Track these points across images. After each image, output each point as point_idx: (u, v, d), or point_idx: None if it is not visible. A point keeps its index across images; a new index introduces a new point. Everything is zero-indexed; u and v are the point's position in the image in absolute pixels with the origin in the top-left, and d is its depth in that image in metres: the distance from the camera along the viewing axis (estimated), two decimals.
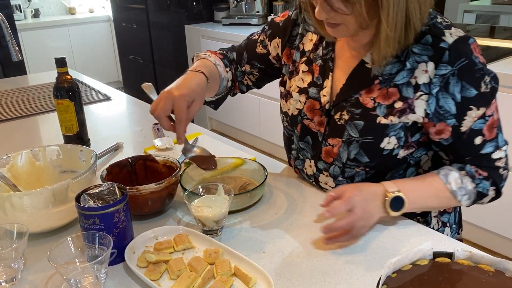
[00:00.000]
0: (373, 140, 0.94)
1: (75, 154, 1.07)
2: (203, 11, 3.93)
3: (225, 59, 1.18)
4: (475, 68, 0.87)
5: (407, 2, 0.82)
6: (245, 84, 1.23)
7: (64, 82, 1.29)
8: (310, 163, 1.07)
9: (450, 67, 0.87)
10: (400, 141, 0.94)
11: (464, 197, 0.93)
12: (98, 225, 0.80)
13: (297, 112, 1.06)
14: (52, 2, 5.37)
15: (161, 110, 0.91)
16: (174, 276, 0.78)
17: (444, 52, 0.87)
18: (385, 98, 0.93)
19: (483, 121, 0.90)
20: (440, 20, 0.90)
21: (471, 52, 0.87)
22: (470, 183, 0.93)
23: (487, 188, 0.94)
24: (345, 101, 0.97)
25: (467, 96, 0.88)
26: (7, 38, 1.77)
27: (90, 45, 5.22)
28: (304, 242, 0.89)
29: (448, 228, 1.08)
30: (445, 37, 0.87)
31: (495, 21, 2.80)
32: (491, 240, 2.24)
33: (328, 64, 1.01)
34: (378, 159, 0.96)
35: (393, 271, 0.68)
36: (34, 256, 0.88)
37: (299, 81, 1.06)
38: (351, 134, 0.96)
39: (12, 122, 1.64)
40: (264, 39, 1.15)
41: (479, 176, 0.93)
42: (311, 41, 1.06)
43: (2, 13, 1.81)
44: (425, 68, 0.89)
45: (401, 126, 0.92)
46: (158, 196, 0.96)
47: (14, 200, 0.85)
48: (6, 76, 3.34)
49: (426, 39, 0.89)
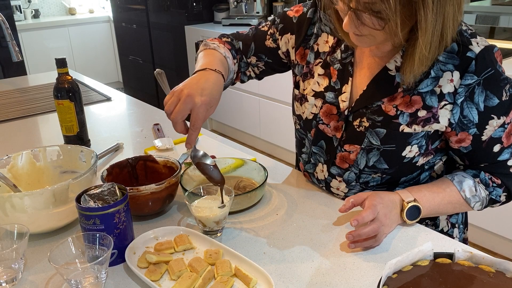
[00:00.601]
0: (395, 149, 0.93)
1: (75, 155, 1.07)
2: (203, 11, 3.93)
3: (233, 50, 1.12)
4: (500, 78, 0.86)
5: (444, 22, 0.79)
6: (247, 75, 1.17)
7: (65, 82, 1.29)
8: (322, 167, 1.05)
9: (476, 77, 0.85)
10: (422, 149, 0.93)
11: (477, 203, 0.94)
12: (98, 226, 0.80)
13: (312, 116, 1.03)
14: (52, 3, 5.38)
15: (178, 114, 0.87)
16: (175, 276, 0.78)
17: (471, 62, 0.85)
18: (408, 106, 0.90)
19: (502, 129, 0.90)
20: (465, 28, 0.88)
21: (496, 61, 0.86)
22: (484, 191, 0.94)
23: (499, 194, 0.95)
24: (365, 108, 0.95)
25: (489, 106, 0.87)
26: (7, 39, 1.77)
27: (90, 46, 5.22)
28: (304, 242, 0.89)
29: (456, 229, 1.08)
30: (472, 47, 0.85)
31: (495, 22, 2.80)
32: (491, 241, 2.24)
33: (348, 69, 0.97)
34: (398, 166, 0.95)
35: (393, 271, 0.68)
36: (34, 257, 0.88)
37: (314, 85, 1.02)
38: (371, 142, 0.94)
39: (12, 123, 1.64)
40: (274, 32, 1.10)
41: (493, 184, 0.94)
42: (327, 42, 1.02)
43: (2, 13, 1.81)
44: (451, 77, 0.87)
45: (423, 135, 0.92)
46: (158, 197, 0.96)
47: (15, 201, 0.85)
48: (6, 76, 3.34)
49: (452, 47, 0.86)
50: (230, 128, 3.81)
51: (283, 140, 3.19)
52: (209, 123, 4.04)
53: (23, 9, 5.00)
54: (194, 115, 0.87)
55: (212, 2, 3.91)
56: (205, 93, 0.89)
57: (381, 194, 0.90)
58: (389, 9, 0.75)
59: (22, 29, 4.62)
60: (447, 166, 1.03)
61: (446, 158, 1.02)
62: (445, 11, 0.78)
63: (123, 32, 4.68)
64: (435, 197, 0.93)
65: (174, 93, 0.89)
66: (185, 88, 0.89)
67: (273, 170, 1.19)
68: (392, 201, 0.90)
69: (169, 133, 1.44)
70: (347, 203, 0.88)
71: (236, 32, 1.17)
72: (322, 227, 0.94)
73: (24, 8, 5.06)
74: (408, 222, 0.92)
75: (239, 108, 3.55)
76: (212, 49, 1.06)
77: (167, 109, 0.89)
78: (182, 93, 0.88)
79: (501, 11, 2.79)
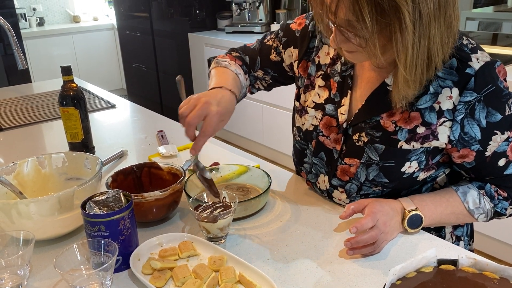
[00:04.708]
0: (394, 165, 0.92)
1: (80, 162, 1.08)
2: (206, 19, 3.95)
3: (244, 65, 1.15)
4: (502, 94, 0.85)
5: (429, 45, 0.78)
6: (256, 88, 1.20)
7: (70, 90, 1.30)
8: (324, 178, 1.05)
9: (475, 93, 0.84)
10: (421, 165, 0.93)
11: (481, 215, 0.93)
12: (103, 232, 0.80)
13: (312, 128, 1.03)
14: (57, 11, 5.42)
15: (193, 118, 0.88)
16: (179, 283, 0.79)
17: (470, 78, 0.84)
18: (406, 122, 0.90)
19: (506, 143, 0.89)
20: (466, 42, 0.87)
21: (497, 77, 0.84)
22: (489, 203, 0.93)
23: (505, 207, 0.94)
24: (364, 123, 0.94)
25: (492, 122, 0.86)
26: (13, 47, 1.78)
27: (94, 53, 5.25)
28: (308, 249, 0.89)
29: (462, 242, 1.07)
30: (471, 63, 0.84)
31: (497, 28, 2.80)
32: (496, 248, 2.23)
33: (347, 82, 0.97)
34: (398, 181, 0.95)
35: (397, 278, 0.68)
36: (40, 263, 0.88)
37: (315, 96, 1.03)
38: (371, 157, 0.94)
39: (17, 130, 1.65)
40: (278, 45, 1.11)
41: (499, 197, 0.93)
42: (328, 54, 1.02)
43: (8, 21, 1.82)
44: (449, 94, 0.86)
45: (422, 151, 0.91)
46: (162, 203, 0.96)
47: (21, 208, 0.86)
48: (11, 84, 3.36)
49: (451, 63, 0.85)
50: (234, 135, 3.81)
51: (286, 147, 3.20)
52: None
53: (28, 17, 5.04)
54: (206, 122, 0.89)
55: (215, 9, 3.93)
56: (221, 105, 0.92)
57: (382, 202, 0.90)
58: (366, 29, 0.75)
59: (27, 37, 4.66)
60: (450, 178, 1.01)
61: (449, 171, 1.00)
62: (430, 34, 0.77)
63: (127, 40, 4.71)
64: (438, 207, 0.92)
65: (192, 99, 0.91)
66: (203, 96, 0.91)
67: (276, 177, 1.19)
68: (393, 209, 0.90)
69: (173, 140, 1.45)
70: (348, 210, 0.88)
71: (244, 45, 1.19)
72: (326, 234, 0.94)
73: (29, 16, 5.11)
74: (410, 231, 0.91)
75: (242, 114, 3.55)
76: (224, 67, 1.09)
77: (182, 112, 0.90)
78: (200, 99, 0.90)
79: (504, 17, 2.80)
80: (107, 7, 5.64)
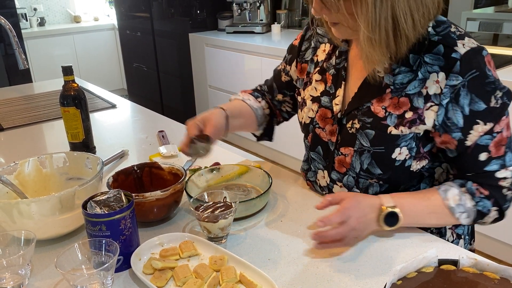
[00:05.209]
0: (384, 151, 0.93)
1: (81, 162, 1.08)
2: (207, 19, 3.96)
3: (255, 92, 1.25)
4: (486, 81, 0.85)
5: (393, 5, 0.80)
6: (285, 111, 1.25)
7: (71, 90, 1.31)
8: (323, 174, 1.06)
9: (461, 78, 0.85)
10: (412, 152, 0.92)
11: (462, 214, 0.90)
12: (104, 232, 0.80)
13: (309, 120, 1.06)
14: (58, 11, 5.42)
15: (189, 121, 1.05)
16: (180, 283, 0.79)
17: (456, 62, 0.85)
18: (396, 107, 0.91)
19: (490, 137, 0.87)
20: (454, 30, 0.89)
21: (484, 64, 0.85)
22: (470, 201, 0.90)
23: (488, 208, 0.90)
24: (357, 110, 0.96)
25: (475, 110, 0.86)
26: (14, 47, 1.78)
27: (95, 53, 5.25)
28: (309, 249, 0.89)
29: (462, 240, 1.07)
30: (457, 48, 0.85)
31: (498, 29, 2.81)
32: (496, 248, 2.23)
33: (341, 73, 1.00)
34: (391, 172, 0.95)
35: (398, 278, 0.69)
36: (41, 263, 0.88)
37: (312, 90, 1.06)
38: (362, 144, 0.95)
39: (18, 130, 1.65)
40: (285, 66, 1.18)
41: (480, 195, 0.90)
42: (324, 51, 1.06)
43: (9, 21, 1.83)
44: (436, 79, 0.87)
45: (412, 137, 0.91)
46: (163, 203, 0.96)
47: (22, 207, 0.86)
48: (12, 84, 3.36)
49: (438, 49, 0.87)
50: (234, 135, 3.81)
51: (288, 147, 3.20)
52: None
53: (29, 17, 5.04)
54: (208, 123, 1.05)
55: (216, 10, 3.93)
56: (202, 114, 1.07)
57: (360, 197, 0.89)
58: None
59: (28, 37, 4.66)
60: None
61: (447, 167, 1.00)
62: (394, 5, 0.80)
63: (127, 40, 4.72)
64: (417, 205, 0.91)
65: None
66: None
67: (277, 177, 1.19)
68: (370, 205, 0.89)
69: (174, 140, 1.45)
70: (324, 201, 0.88)
71: (265, 80, 1.28)
72: None
73: (30, 16, 5.11)
74: (385, 228, 0.89)
75: None
76: (234, 99, 1.24)
77: None
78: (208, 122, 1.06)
79: (504, 18, 2.80)
80: (107, 7, 5.64)
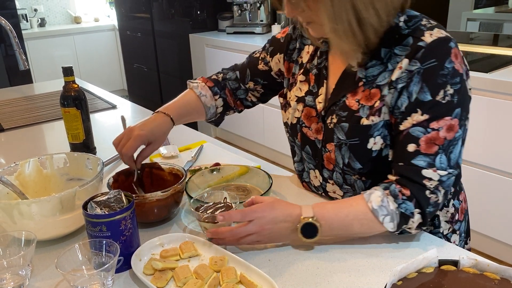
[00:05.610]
0: (359, 142, 0.93)
1: (82, 162, 1.08)
2: (207, 20, 3.96)
3: (216, 86, 1.22)
4: (439, 73, 0.84)
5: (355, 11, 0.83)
6: (249, 101, 1.25)
7: (71, 90, 1.31)
8: (315, 173, 1.07)
9: (419, 64, 0.85)
10: (386, 140, 0.92)
11: (386, 218, 0.86)
12: (105, 233, 0.80)
13: (296, 120, 1.08)
14: (58, 12, 5.43)
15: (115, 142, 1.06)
16: (180, 283, 0.79)
17: (420, 50, 0.85)
18: (368, 99, 0.93)
19: (423, 131, 0.86)
20: (425, 23, 0.89)
21: (447, 55, 0.85)
22: (392, 203, 0.87)
23: (411, 210, 0.86)
24: (335, 105, 0.98)
25: (420, 99, 0.86)
26: (15, 47, 1.79)
27: (95, 54, 5.26)
28: (309, 249, 0.89)
29: (457, 236, 1.06)
30: (424, 37, 0.86)
31: (498, 29, 2.81)
32: (497, 249, 2.23)
33: (322, 73, 1.02)
34: (370, 164, 0.95)
35: (398, 278, 0.69)
36: (41, 263, 0.88)
37: (297, 91, 1.08)
38: (339, 137, 0.96)
39: (19, 131, 1.65)
40: (265, 56, 1.18)
41: (402, 196, 0.87)
42: (308, 53, 1.08)
43: (9, 22, 1.83)
44: (400, 65, 0.88)
45: (383, 124, 0.92)
46: (164, 204, 0.96)
47: (22, 208, 0.86)
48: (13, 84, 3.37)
49: (407, 41, 0.88)
50: (234, 136, 3.81)
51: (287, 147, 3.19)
52: (213, 131, 4.05)
53: (29, 18, 5.05)
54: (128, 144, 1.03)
55: (216, 10, 3.94)
56: (144, 128, 1.06)
57: (277, 205, 0.89)
58: None
59: (28, 37, 4.67)
60: None
61: None
62: None
63: (128, 40, 4.72)
64: (339, 213, 0.88)
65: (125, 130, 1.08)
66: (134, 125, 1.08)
67: (277, 177, 1.20)
68: (287, 214, 0.87)
69: (174, 141, 1.45)
70: (249, 200, 0.91)
71: (234, 64, 1.26)
72: None
73: (31, 17, 5.12)
74: (304, 240, 0.87)
75: (243, 115, 3.54)
76: (189, 89, 1.21)
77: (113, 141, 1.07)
78: (128, 128, 1.07)
79: (505, 18, 2.80)
80: (108, 8, 5.65)
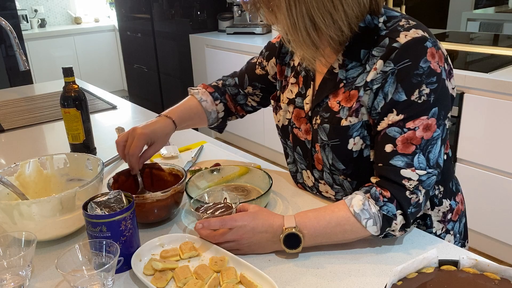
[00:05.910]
0: (340, 143, 0.94)
1: (82, 163, 1.08)
2: (208, 20, 3.96)
3: (216, 92, 1.24)
4: (414, 72, 0.84)
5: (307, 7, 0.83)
6: (250, 106, 1.27)
7: (71, 91, 1.31)
8: (307, 174, 1.08)
9: (393, 65, 0.85)
10: (366, 140, 0.92)
11: (369, 221, 0.86)
12: (105, 233, 0.80)
13: (287, 122, 1.09)
14: (58, 12, 5.43)
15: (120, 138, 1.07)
16: (180, 284, 0.79)
17: (394, 51, 0.85)
18: (347, 101, 0.93)
19: (399, 131, 0.86)
20: (403, 23, 0.88)
21: (422, 55, 0.84)
22: (374, 206, 0.86)
23: (393, 212, 0.86)
24: (318, 106, 0.99)
25: (395, 99, 0.86)
26: (15, 48, 1.79)
27: (96, 54, 5.26)
28: (309, 250, 0.89)
29: (451, 236, 1.06)
30: (399, 38, 0.86)
31: (498, 29, 2.81)
32: (497, 249, 2.23)
33: (310, 74, 1.03)
34: (352, 165, 0.95)
35: (398, 279, 0.69)
36: (41, 264, 0.88)
37: (288, 93, 1.09)
38: (322, 138, 0.97)
39: (19, 131, 1.65)
40: (262, 61, 1.20)
41: (383, 199, 0.86)
42: (299, 56, 1.08)
43: (9, 23, 1.83)
44: (375, 66, 0.88)
45: (362, 125, 0.92)
46: (164, 204, 0.96)
47: (22, 208, 0.86)
48: (13, 85, 3.37)
49: (384, 42, 0.88)
50: (235, 136, 3.82)
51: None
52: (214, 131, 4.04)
53: (29, 19, 5.06)
54: (133, 143, 1.04)
55: (217, 11, 3.94)
56: (147, 128, 1.07)
57: (259, 215, 0.88)
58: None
59: (29, 38, 4.67)
60: None
61: None
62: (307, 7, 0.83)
63: (128, 41, 4.72)
64: (321, 221, 0.87)
65: None
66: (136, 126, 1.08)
67: (277, 178, 1.20)
68: (267, 225, 0.87)
69: (175, 141, 1.45)
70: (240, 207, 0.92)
71: (234, 71, 1.29)
72: None
73: (31, 17, 5.12)
74: (287, 251, 0.87)
75: None
76: (191, 95, 1.23)
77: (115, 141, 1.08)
78: (131, 128, 1.08)
79: (505, 18, 2.80)
80: (108, 8, 5.65)
